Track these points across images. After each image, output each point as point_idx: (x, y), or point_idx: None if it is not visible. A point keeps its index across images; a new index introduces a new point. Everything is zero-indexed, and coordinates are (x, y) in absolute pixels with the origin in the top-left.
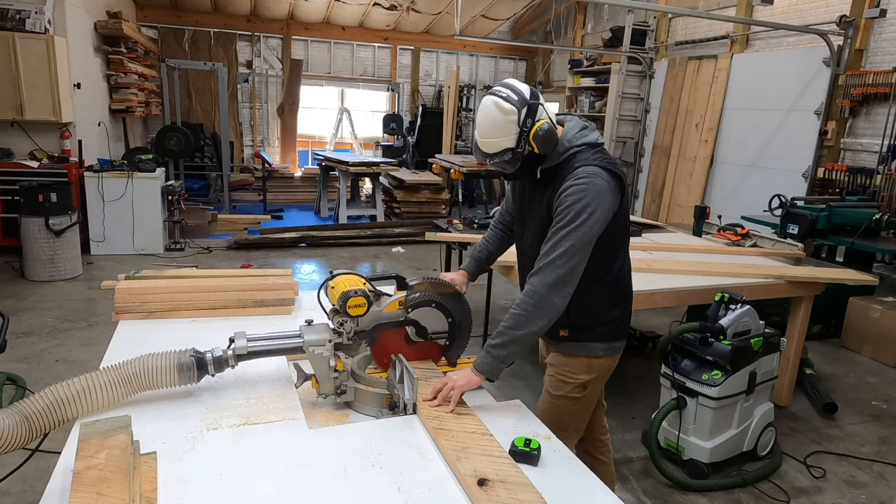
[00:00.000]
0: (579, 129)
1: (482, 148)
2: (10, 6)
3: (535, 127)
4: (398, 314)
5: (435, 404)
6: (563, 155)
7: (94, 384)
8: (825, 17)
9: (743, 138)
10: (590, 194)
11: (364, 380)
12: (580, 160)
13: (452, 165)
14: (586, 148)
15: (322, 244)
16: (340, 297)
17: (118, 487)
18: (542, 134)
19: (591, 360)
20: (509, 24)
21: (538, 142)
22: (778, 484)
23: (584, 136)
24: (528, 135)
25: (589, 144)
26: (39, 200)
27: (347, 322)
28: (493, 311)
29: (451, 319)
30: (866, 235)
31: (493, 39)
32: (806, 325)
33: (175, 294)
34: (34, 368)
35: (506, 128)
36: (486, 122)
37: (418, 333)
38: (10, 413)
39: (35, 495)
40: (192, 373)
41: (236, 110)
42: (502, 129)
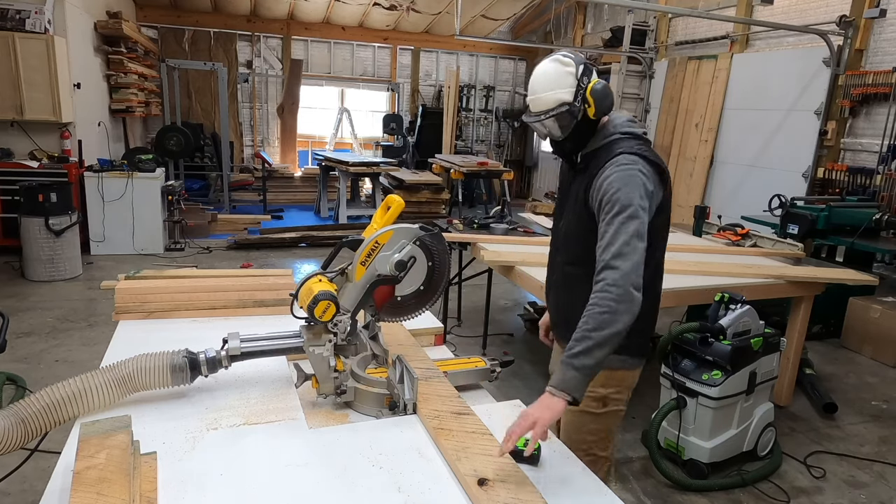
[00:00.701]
0: (627, 119)
1: (534, 107)
2: (10, 6)
3: (592, 83)
4: (369, 276)
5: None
6: (606, 139)
7: (89, 385)
8: (825, 17)
9: (743, 138)
10: (634, 179)
11: (364, 380)
12: (623, 147)
13: (452, 165)
14: (630, 137)
15: (322, 244)
16: (308, 313)
17: (118, 487)
18: (599, 89)
19: (609, 372)
20: (509, 24)
21: (595, 96)
22: (778, 484)
23: (630, 126)
24: (585, 91)
25: (634, 134)
26: (39, 200)
27: (341, 322)
28: (493, 312)
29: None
30: (866, 235)
31: (493, 39)
32: (806, 325)
33: (175, 294)
34: (34, 368)
35: (564, 79)
36: (544, 76)
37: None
38: (6, 415)
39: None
40: (185, 373)
41: (236, 110)
42: (560, 81)
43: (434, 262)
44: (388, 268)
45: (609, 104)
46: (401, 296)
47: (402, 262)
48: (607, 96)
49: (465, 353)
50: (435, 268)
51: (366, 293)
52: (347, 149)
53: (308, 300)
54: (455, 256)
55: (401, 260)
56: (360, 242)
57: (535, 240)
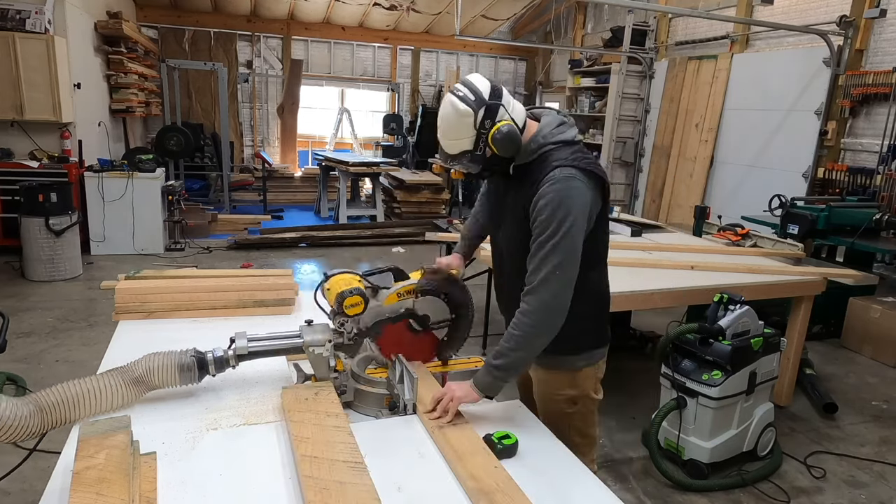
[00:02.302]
0: (556, 126)
1: (443, 148)
2: (10, 6)
3: (493, 129)
4: (398, 306)
5: (434, 416)
6: (536, 153)
7: (108, 384)
8: (825, 17)
9: (743, 138)
10: (569, 199)
11: (364, 380)
12: (556, 159)
13: None
14: (562, 146)
15: (322, 244)
16: (336, 298)
17: (118, 487)
18: (500, 137)
19: (573, 374)
20: (509, 24)
21: (497, 144)
22: (778, 484)
23: (560, 133)
24: (486, 137)
25: (565, 142)
26: (39, 200)
27: (348, 322)
28: (493, 312)
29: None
30: (866, 235)
31: (493, 39)
32: (806, 325)
33: (175, 294)
34: (34, 368)
35: (462, 129)
36: (444, 122)
37: (419, 323)
38: (26, 402)
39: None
40: (193, 373)
41: (236, 110)
42: (459, 131)
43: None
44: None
45: (515, 146)
46: None
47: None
48: (509, 140)
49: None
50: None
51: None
52: (347, 149)
53: (344, 287)
54: None
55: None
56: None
57: None
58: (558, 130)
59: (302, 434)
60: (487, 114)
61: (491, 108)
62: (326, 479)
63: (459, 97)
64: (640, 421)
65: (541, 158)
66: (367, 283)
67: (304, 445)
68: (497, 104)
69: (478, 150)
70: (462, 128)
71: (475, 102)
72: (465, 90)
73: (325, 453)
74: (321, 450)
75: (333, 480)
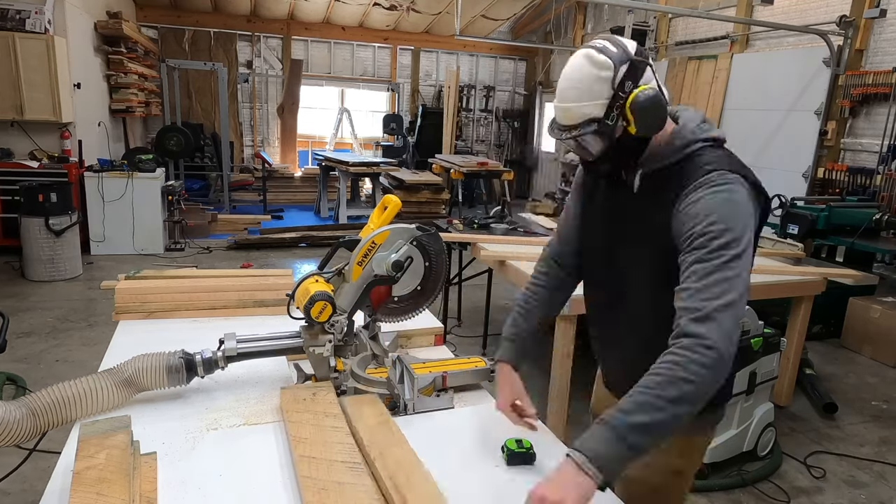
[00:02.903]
0: (700, 121)
1: (559, 119)
2: (10, 6)
3: (635, 92)
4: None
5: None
6: (682, 151)
7: (98, 385)
8: (825, 17)
9: (743, 138)
10: (738, 209)
11: (364, 380)
12: (710, 161)
13: (452, 165)
14: (714, 145)
15: (322, 244)
16: (305, 314)
17: (118, 488)
18: (643, 101)
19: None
20: (509, 24)
21: (636, 113)
22: (778, 484)
23: (707, 130)
24: (624, 102)
25: (715, 140)
26: (39, 200)
27: (338, 322)
28: (493, 312)
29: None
30: (866, 235)
31: (493, 39)
32: (806, 325)
33: (175, 294)
34: (34, 368)
35: (595, 88)
36: (571, 81)
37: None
38: (19, 405)
39: (35, 495)
40: (182, 374)
41: (236, 110)
42: (590, 91)
43: (431, 262)
44: (384, 268)
45: (658, 120)
46: (398, 296)
47: (399, 262)
48: (654, 111)
49: (465, 353)
50: (432, 268)
51: (362, 294)
52: (347, 149)
53: (304, 301)
54: (455, 256)
55: (397, 260)
56: (356, 243)
57: (535, 240)
58: (704, 127)
59: (300, 434)
60: (630, 73)
61: (636, 65)
62: (325, 479)
63: (598, 48)
64: None
65: (688, 159)
66: (328, 274)
67: (302, 446)
68: (644, 63)
69: (608, 119)
70: (595, 85)
71: (617, 56)
72: (605, 42)
73: (323, 454)
74: (319, 450)
75: (332, 481)
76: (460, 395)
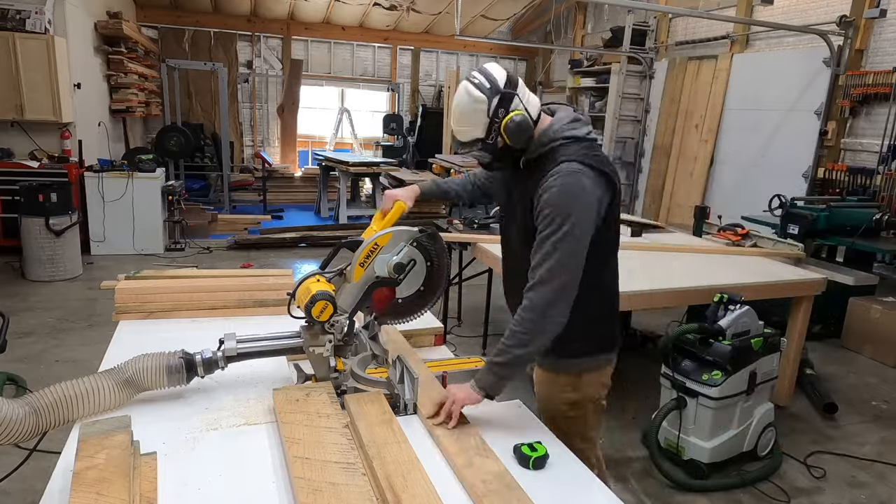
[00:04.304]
0: (569, 121)
1: (455, 135)
2: (10, 6)
3: (506, 118)
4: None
5: (438, 421)
6: (545, 146)
7: (100, 385)
8: (825, 18)
9: (743, 138)
10: (573, 196)
11: (364, 380)
12: (564, 154)
13: (452, 165)
14: (572, 142)
15: (322, 244)
16: (306, 313)
17: (118, 488)
18: (512, 126)
19: (575, 377)
20: (509, 24)
21: (508, 134)
22: (778, 484)
23: (571, 129)
24: (499, 126)
25: (576, 138)
26: (39, 200)
27: (338, 322)
28: (493, 312)
29: (430, 264)
30: (866, 235)
31: (493, 39)
32: (806, 325)
33: (175, 294)
34: (34, 368)
35: (475, 117)
36: (458, 109)
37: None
38: (21, 404)
39: (35, 495)
40: (182, 374)
41: (236, 110)
42: (472, 118)
43: (433, 264)
44: (386, 270)
45: (525, 135)
46: (401, 298)
47: (401, 264)
48: (521, 130)
49: (465, 353)
50: (434, 269)
51: (364, 295)
52: (347, 149)
53: (306, 300)
54: (455, 256)
55: (399, 263)
56: (359, 244)
57: None
58: (570, 126)
59: (293, 435)
60: (501, 102)
61: (505, 96)
62: (318, 480)
63: (475, 84)
64: (640, 421)
65: (550, 152)
66: (330, 274)
67: (295, 447)
68: (512, 94)
69: (489, 139)
70: (475, 115)
71: (490, 90)
72: (480, 77)
73: (316, 454)
74: (313, 451)
75: (326, 482)
76: None
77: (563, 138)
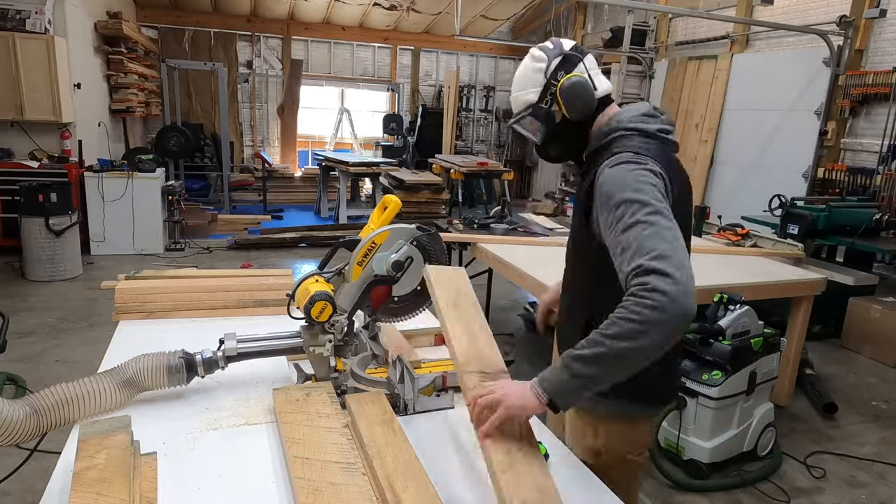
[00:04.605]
0: (640, 113)
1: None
2: (10, 6)
3: (563, 79)
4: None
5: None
6: (607, 136)
7: (101, 387)
8: (825, 18)
9: (743, 138)
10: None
11: (364, 380)
12: (623, 145)
13: (452, 165)
14: (637, 133)
15: (322, 244)
16: (305, 314)
17: (118, 488)
18: (569, 86)
19: (594, 421)
20: (509, 24)
21: (564, 98)
22: (778, 484)
23: (640, 122)
24: (556, 88)
25: (643, 131)
26: (39, 200)
27: (338, 322)
28: (493, 312)
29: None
30: (866, 235)
31: (493, 39)
32: (806, 325)
33: (175, 294)
34: (34, 368)
35: (532, 78)
36: (517, 75)
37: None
38: (22, 405)
39: (35, 495)
40: (182, 374)
41: (236, 110)
42: (529, 80)
43: (431, 262)
44: (384, 268)
45: (584, 103)
46: (398, 296)
47: (399, 262)
48: (579, 94)
49: None
50: None
51: (363, 293)
52: (347, 149)
53: (305, 300)
54: (455, 256)
55: (398, 260)
56: (356, 243)
57: (536, 240)
58: (640, 119)
59: (293, 435)
60: (563, 64)
61: (569, 58)
62: (318, 480)
63: (539, 47)
64: None
65: (609, 143)
66: (328, 274)
67: (295, 447)
68: (578, 56)
69: (542, 103)
70: (533, 76)
71: (552, 51)
72: (547, 42)
73: (316, 454)
74: (312, 451)
75: (326, 482)
76: (460, 396)
77: (625, 129)
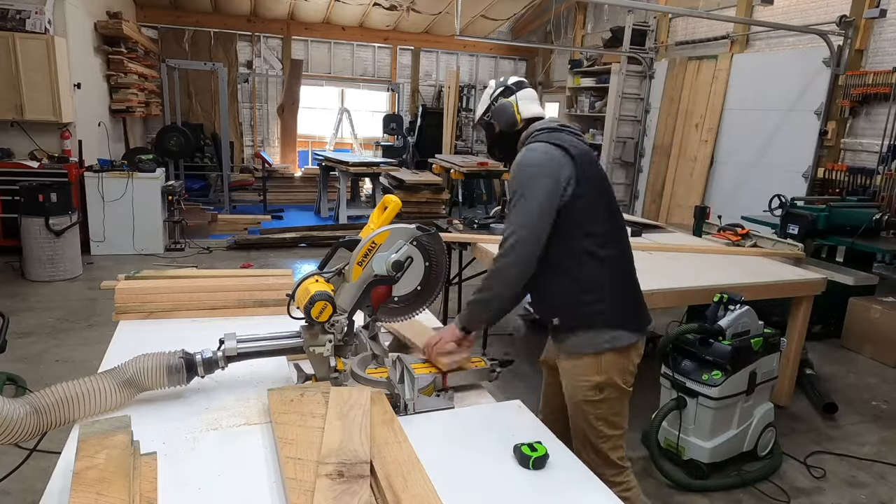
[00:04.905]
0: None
1: None
2: (10, 6)
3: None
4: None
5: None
6: (523, 143)
7: (101, 386)
8: (825, 18)
9: (743, 138)
10: (526, 166)
11: (364, 380)
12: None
13: (452, 165)
14: (545, 131)
15: (322, 244)
16: (305, 314)
17: (118, 488)
18: (496, 105)
19: (596, 359)
20: (509, 24)
21: (493, 112)
22: (778, 484)
23: (543, 124)
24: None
25: (548, 128)
26: (39, 200)
27: (338, 322)
28: None
29: (429, 263)
30: (866, 235)
31: (493, 39)
32: (806, 325)
33: (175, 294)
34: (34, 368)
35: (484, 99)
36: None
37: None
38: (23, 403)
39: (35, 495)
40: (182, 374)
41: (236, 110)
42: (483, 100)
43: (431, 262)
44: (384, 268)
45: (506, 120)
46: (398, 296)
47: (399, 262)
48: (503, 113)
49: None
50: (432, 268)
51: (363, 293)
52: (347, 149)
53: (305, 300)
54: (455, 256)
55: (398, 260)
56: (356, 243)
57: None
58: (544, 122)
59: (286, 436)
60: (503, 92)
61: (508, 89)
62: (311, 481)
63: (494, 80)
64: (640, 421)
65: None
66: (328, 274)
67: (288, 447)
68: (512, 90)
69: (485, 116)
70: (485, 98)
71: (500, 83)
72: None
73: (309, 455)
74: (305, 451)
75: None
76: (460, 395)
77: (536, 131)
